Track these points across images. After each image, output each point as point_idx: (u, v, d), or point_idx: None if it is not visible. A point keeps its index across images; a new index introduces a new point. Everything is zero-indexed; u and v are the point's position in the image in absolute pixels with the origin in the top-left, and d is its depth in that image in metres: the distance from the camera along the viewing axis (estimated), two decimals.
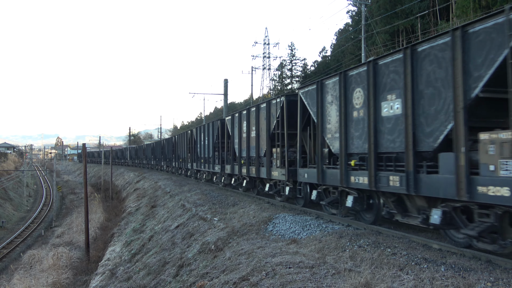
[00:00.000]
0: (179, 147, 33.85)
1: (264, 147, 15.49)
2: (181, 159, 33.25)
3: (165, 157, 41.19)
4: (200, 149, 25.73)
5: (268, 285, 6.25)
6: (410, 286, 5.56)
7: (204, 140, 24.58)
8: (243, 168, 17.36)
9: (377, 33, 36.09)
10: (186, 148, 30.79)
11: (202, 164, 25.14)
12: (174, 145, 36.19)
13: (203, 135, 25.03)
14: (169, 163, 39.73)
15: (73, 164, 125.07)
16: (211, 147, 23.02)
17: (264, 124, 15.31)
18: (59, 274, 18.53)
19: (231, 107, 69.17)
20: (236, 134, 18.42)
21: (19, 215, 45.12)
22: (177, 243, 13.07)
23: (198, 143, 26.24)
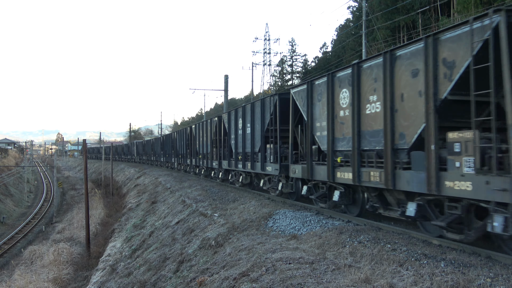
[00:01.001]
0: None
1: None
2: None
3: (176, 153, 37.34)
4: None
5: (268, 280, 6.26)
6: (410, 282, 5.57)
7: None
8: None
9: (378, 29, 35.99)
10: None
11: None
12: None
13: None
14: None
15: (73, 160, 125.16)
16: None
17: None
18: (60, 270, 18.58)
19: (231, 103, 69.14)
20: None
21: (19, 211, 45.21)
22: (178, 239, 13.09)
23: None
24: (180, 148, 34.10)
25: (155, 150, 47.31)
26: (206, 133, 24.26)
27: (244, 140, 17.43)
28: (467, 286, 5.30)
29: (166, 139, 40.61)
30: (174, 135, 37.44)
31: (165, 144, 41.05)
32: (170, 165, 39.37)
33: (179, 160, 34.53)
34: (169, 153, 38.64)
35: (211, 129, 23.16)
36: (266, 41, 70.16)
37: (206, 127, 24.31)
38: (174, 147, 36.22)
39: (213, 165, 21.95)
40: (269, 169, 14.99)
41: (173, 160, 36.53)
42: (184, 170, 33.56)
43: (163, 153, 42.12)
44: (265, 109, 15.55)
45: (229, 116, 18.76)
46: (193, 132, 28.39)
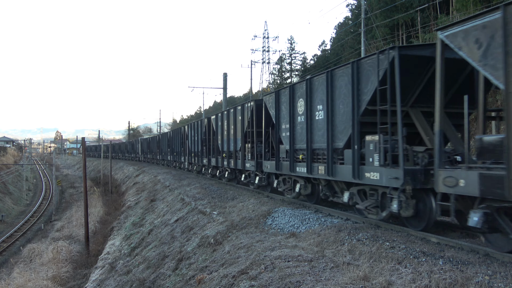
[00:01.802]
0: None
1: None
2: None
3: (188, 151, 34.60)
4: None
5: (267, 278, 6.27)
6: (408, 279, 5.58)
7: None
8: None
9: (377, 27, 35.98)
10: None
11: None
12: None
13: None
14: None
15: (72, 158, 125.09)
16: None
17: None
18: (59, 268, 18.61)
19: (230, 101, 69.10)
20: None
21: (18, 209, 45.20)
22: (177, 236, 13.10)
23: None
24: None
25: (161, 147, 44.34)
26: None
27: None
28: (466, 284, 5.31)
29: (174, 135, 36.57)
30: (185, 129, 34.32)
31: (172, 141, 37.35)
32: (178, 164, 35.45)
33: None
34: (177, 151, 35.20)
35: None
36: (265, 39, 70.10)
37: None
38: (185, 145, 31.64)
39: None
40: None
41: (182, 159, 32.55)
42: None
43: (170, 150, 38.83)
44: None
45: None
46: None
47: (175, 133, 35.79)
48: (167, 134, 39.10)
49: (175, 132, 35.84)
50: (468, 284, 5.31)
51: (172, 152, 36.51)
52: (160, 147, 44.56)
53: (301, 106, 12.34)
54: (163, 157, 42.64)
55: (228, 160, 17.53)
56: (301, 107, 12.31)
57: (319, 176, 11.40)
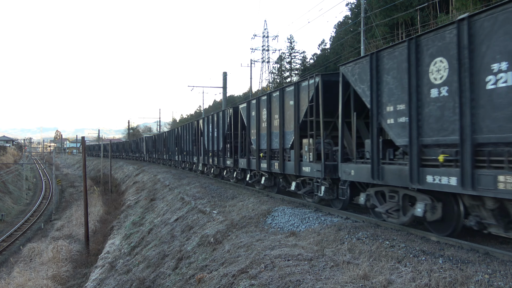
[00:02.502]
0: (183, 140, 31.44)
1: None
2: (185, 152, 31.06)
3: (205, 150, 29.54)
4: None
5: (267, 277, 6.28)
6: (408, 278, 5.59)
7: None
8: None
9: (377, 26, 35.97)
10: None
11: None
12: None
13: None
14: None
15: (72, 157, 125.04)
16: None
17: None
18: (59, 267, 18.61)
19: (230, 100, 69.09)
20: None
21: (18, 208, 45.20)
22: (177, 236, 13.11)
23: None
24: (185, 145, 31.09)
25: (168, 146, 39.30)
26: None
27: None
28: (465, 283, 5.31)
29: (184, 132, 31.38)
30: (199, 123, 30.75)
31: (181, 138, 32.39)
32: (188, 165, 31.14)
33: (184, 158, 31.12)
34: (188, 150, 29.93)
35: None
36: (265, 38, 70.13)
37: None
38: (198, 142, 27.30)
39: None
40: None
41: (195, 160, 27.57)
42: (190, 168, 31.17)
43: (178, 150, 33.85)
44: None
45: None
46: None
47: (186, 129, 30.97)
48: (175, 131, 34.85)
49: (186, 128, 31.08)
50: (468, 282, 5.32)
51: (181, 151, 32.12)
52: (166, 145, 39.66)
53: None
54: (170, 157, 37.93)
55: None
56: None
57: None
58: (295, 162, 12.50)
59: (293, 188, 13.10)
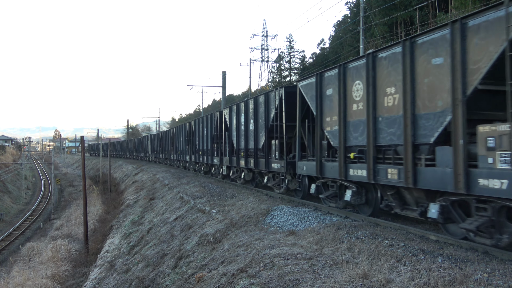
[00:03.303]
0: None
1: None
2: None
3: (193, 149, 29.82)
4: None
5: (266, 276, 6.28)
6: (407, 277, 5.59)
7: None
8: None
9: (376, 25, 35.96)
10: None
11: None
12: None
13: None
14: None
15: (71, 156, 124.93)
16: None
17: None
18: (58, 266, 18.60)
19: (229, 99, 69.05)
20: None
21: (17, 207, 45.17)
22: (176, 235, 13.11)
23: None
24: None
25: (176, 145, 34.68)
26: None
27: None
28: (464, 281, 5.32)
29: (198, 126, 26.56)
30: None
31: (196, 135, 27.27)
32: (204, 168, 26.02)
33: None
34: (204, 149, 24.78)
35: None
36: (264, 37, 70.07)
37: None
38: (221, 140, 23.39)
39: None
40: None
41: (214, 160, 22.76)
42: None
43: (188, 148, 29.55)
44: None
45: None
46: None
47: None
48: (185, 126, 30.62)
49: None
50: (467, 281, 5.33)
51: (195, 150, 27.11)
52: (174, 144, 35.00)
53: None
54: (178, 157, 33.42)
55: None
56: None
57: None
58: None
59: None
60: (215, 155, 22.41)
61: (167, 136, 38.78)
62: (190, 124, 29.16)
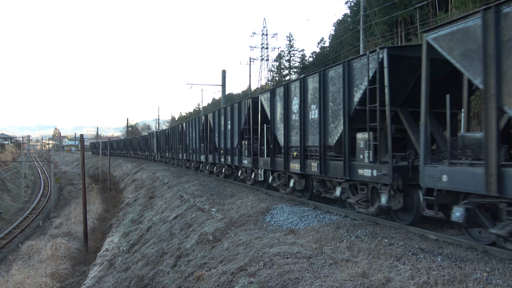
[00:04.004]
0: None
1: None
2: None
3: None
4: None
5: (266, 275, 6.28)
6: (406, 276, 5.60)
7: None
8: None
9: (376, 24, 35.94)
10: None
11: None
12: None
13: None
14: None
15: (71, 155, 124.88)
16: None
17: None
18: (57, 265, 18.59)
19: (229, 98, 69.00)
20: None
21: (17, 206, 45.15)
22: (175, 233, 13.11)
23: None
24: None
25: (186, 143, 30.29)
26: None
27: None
28: (464, 281, 5.32)
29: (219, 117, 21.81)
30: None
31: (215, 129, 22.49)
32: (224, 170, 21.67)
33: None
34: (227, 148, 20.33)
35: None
36: (264, 36, 69.97)
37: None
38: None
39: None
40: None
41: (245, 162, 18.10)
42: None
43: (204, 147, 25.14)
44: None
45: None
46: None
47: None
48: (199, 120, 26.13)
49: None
50: (466, 280, 5.33)
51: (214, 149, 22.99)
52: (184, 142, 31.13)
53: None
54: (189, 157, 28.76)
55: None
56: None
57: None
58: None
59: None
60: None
61: (175, 133, 35.17)
62: (207, 118, 24.63)
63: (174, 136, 35.50)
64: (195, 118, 27.22)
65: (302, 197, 13.28)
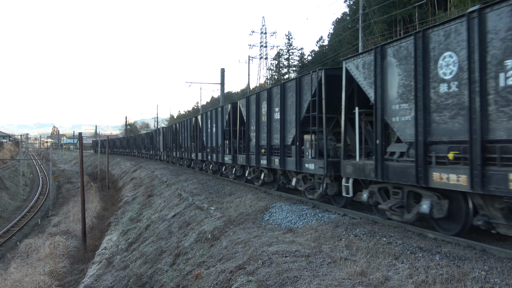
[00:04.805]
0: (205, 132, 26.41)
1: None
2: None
3: None
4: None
5: (265, 273, 6.28)
6: (405, 275, 5.60)
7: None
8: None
9: (375, 23, 35.94)
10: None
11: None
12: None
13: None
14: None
15: (69, 153, 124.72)
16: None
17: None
18: (56, 263, 18.58)
19: (228, 96, 68.96)
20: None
21: (15, 204, 45.09)
22: (174, 232, 13.11)
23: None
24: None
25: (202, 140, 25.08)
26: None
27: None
28: (462, 279, 5.33)
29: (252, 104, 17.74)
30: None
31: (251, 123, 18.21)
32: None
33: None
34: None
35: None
36: (263, 35, 69.95)
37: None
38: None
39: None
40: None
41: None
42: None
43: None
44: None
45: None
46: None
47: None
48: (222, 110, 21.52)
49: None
50: (464, 279, 5.34)
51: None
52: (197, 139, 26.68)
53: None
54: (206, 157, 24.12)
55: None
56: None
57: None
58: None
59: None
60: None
61: (185, 128, 30.16)
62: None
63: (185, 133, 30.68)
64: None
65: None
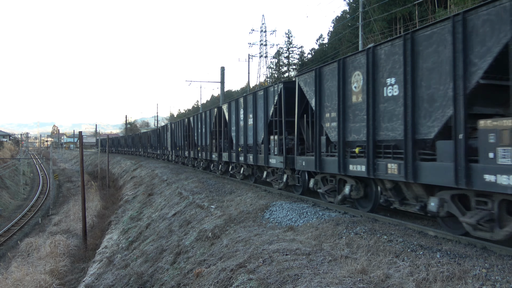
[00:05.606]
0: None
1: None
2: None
3: None
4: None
5: (265, 272, 6.28)
6: (406, 273, 5.60)
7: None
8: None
9: (375, 21, 35.89)
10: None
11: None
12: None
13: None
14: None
15: (69, 152, 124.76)
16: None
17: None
18: (56, 262, 18.59)
19: (228, 95, 68.94)
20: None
21: (16, 203, 45.12)
22: (174, 230, 13.11)
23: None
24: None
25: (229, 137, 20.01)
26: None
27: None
28: (463, 277, 5.33)
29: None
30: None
31: None
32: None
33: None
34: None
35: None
36: (263, 33, 69.92)
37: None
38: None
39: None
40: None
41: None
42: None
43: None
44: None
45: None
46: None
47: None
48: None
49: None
50: (465, 277, 5.34)
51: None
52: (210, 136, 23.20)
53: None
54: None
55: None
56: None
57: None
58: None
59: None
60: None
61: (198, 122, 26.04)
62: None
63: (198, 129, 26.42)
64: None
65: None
